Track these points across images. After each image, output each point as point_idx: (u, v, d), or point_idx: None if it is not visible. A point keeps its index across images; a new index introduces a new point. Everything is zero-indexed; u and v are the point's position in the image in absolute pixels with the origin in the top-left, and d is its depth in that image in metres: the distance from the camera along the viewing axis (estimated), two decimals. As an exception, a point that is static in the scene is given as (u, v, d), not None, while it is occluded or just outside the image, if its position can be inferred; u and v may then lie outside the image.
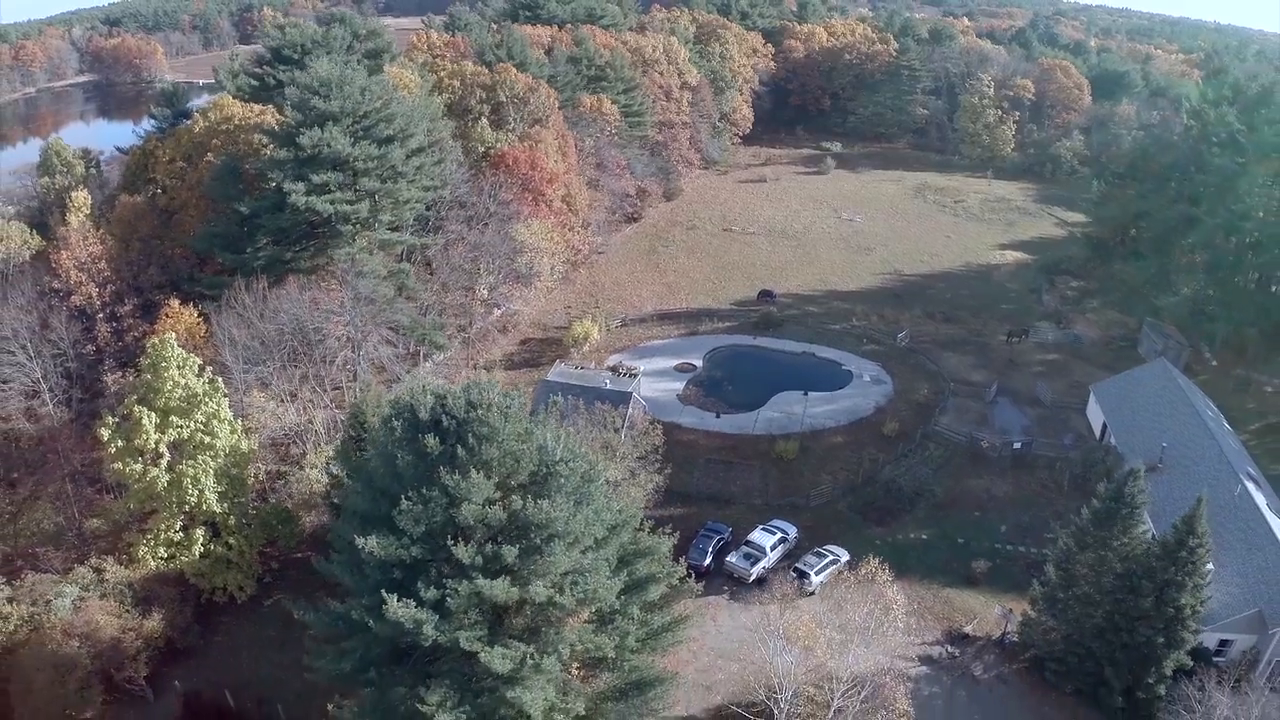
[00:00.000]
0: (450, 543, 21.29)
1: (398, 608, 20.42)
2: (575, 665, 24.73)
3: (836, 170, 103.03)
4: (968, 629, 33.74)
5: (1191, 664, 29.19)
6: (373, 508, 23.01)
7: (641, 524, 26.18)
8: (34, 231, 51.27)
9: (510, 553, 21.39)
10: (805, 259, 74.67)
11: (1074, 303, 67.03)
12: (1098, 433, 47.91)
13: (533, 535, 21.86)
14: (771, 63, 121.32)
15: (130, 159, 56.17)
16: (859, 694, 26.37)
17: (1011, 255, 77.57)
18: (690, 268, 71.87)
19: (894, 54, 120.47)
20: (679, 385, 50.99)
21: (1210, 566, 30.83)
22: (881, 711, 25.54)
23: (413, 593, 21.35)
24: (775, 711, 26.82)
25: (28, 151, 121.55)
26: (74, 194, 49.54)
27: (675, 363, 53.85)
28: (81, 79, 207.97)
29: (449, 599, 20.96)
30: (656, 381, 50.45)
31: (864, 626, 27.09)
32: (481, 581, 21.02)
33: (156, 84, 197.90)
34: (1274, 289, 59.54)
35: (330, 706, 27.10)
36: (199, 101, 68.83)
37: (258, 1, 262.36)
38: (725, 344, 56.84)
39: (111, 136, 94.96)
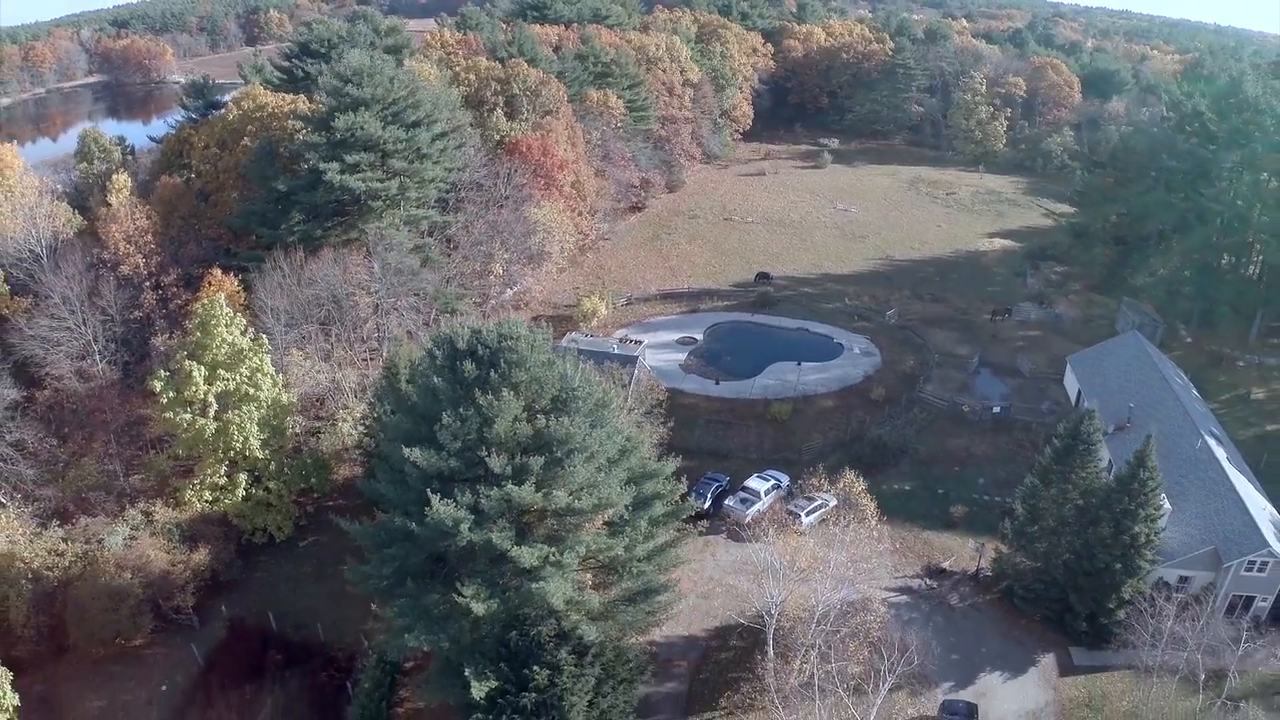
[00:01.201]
0: (484, 453, 24.53)
1: (440, 506, 23.66)
2: (590, 575, 27.93)
3: (833, 165, 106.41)
4: (945, 564, 36.93)
5: (1149, 590, 32.27)
6: (414, 429, 26.28)
7: (649, 452, 29.43)
8: (76, 212, 54.65)
9: (536, 463, 24.66)
10: (801, 245, 77.98)
11: (1057, 286, 70.28)
12: (1074, 400, 51.08)
13: (555, 449, 25.13)
14: (771, 62, 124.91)
15: (165, 146, 59.70)
16: (843, 612, 29.49)
17: (999, 243, 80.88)
18: (691, 253, 75.21)
19: (890, 53, 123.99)
20: (681, 356, 54.31)
21: (1165, 502, 34.04)
22: (860, 615, 28.53)
23: (450, 500, 24.58)
24: (766, 625, 29.92)
25: (43, 149, 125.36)
26: (115, 176, 52.88)
27: (678, 336, 57.17)
28: (90, 80, 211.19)
29: (483, 502, 24.20)
30: (660, 353, 53.75)
31: (850, 553, 30.19)
32: (511, 488, 24.27)
33: (167, 84, 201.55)
34: (1244, 269, 62.73)
35: (371, 621, 30.45)
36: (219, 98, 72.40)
37: (264, 4, 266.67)
38: (724, 320, 60.22)
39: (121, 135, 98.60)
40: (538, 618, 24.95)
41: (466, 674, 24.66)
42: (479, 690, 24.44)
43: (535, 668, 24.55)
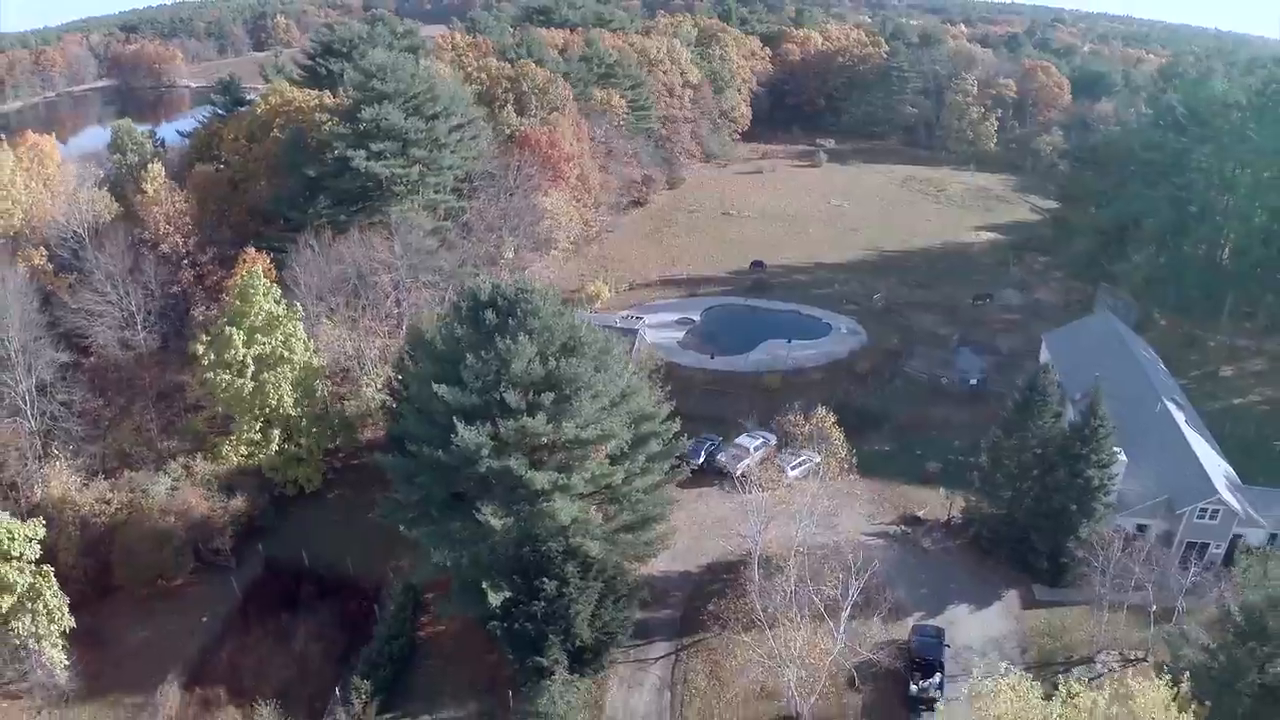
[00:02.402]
0: (502, 390, 27.97)
1: (465, 432, 27.09)
2: (595, 507, 31.24)
3: (829, 164, 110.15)
4: (920, 513, 40.21)
5: (1106, 533, 35.32)
6: (440, 371, 29.73)
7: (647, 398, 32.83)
8: (113, 199, 58.51)
9: (547, 399, 28.09)
10: (795, 238, 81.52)
11: (1039, 275, 73.65)
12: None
13: (564, 388, 28.57)
14: (769, 65, 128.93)
15: (195, 139, 63.62)
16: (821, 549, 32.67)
17: (986, 235, 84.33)
18: (691, 244, 78.80)
19: (885, 57, 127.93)
20: (679, 334, 57.82)
21: (1121, 454, 37.17)
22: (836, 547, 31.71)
23: (473, 429, 27.98)
24: (752, 558, 33.10)
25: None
26: (150, 166, 56.73)
27: (676, 317, 60.69)
28: (100, 84, 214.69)
29: (501, 431, 27.62)
30: (660, 331, 57.21)
31: (830, 506, 33.32)
32: (526, 420, 27.71)
33: (177, 88, 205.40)
34: (1216, 256, 66.00)
35: (393, 561, 33.77)
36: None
37: (271, 10, 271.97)
38: (720, 303, 63.80)
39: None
40: (548, 535, 28.29)
41: (484, 586, 28.00)
42: (495, 599, 27.79)
43: (545, 580, 27.88)
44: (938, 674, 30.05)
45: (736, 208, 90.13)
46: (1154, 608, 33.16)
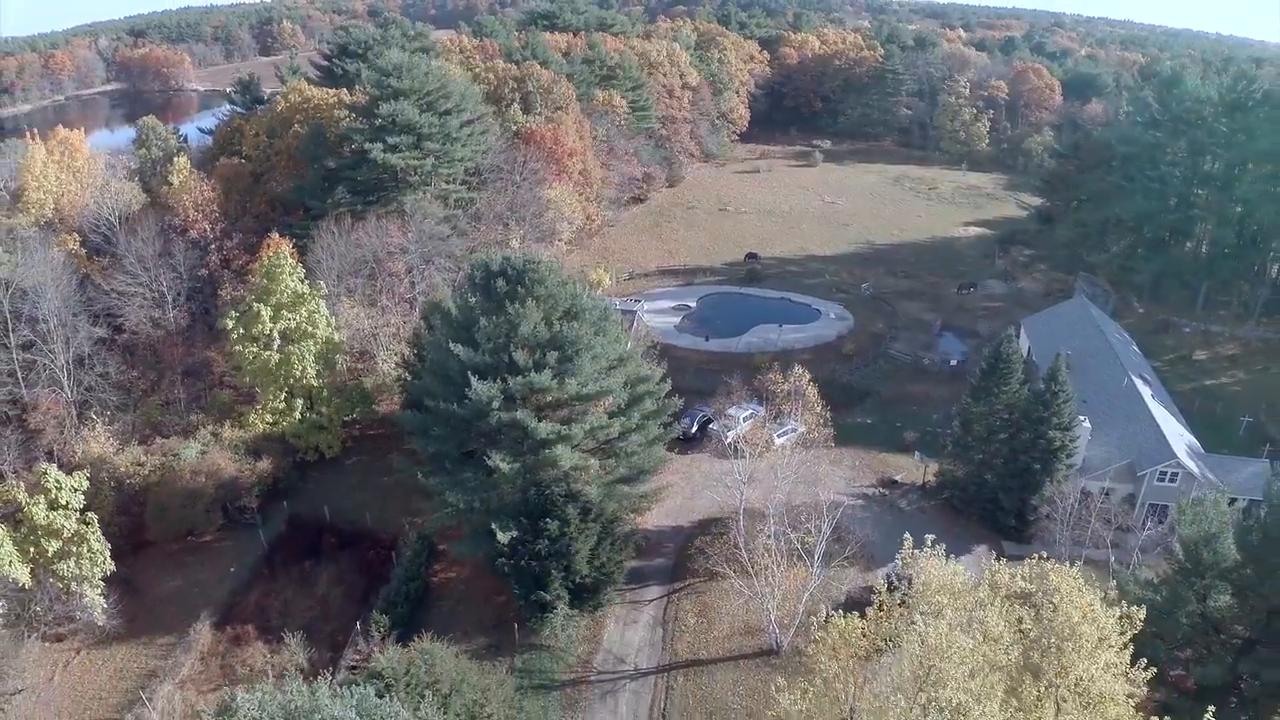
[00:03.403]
0: (511, 350, 31.03)
1: (478, 385, 30.15)
2: (595, 461, 34.20)
3: (824, 163, 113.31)
4: (897, 477, 43.12)
5: (1071, 494, 38.14)
6: (455, 333, 32.81)
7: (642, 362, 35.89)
8: (141, 189, 61.95)
9: (552, 358, 31.15)
10: (789, 232, 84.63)
11: (1024, 266, 76.59)
12: (1025, 356, 57.20)
13: (566, 349, 31.61)
14: (767, 68, 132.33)
15: (218, 134, 67.06)
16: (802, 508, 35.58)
17: (974, 230, 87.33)
18: (688, 238, 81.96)
19: (880, 60, 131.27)
20: (676, 319, 60.94)
21: (1085, 420, 40.04)
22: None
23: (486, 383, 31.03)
24: (738, 519, 35.94)
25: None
26: (176, 159, 60.16)
27: (673, 304, 63.81)
28: (108, 87, 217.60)
29: (510, 386, 30.67)
30: (658, 316, 60.27)
31: (811, 467, 36.26)
32: (533, 376, 30.75)
33: (185, 91, 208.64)
34: (1190, 246, 68.95)
35: (407, 518, 36.71)
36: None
37: (276, 15, 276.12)
38: (715, 291, 66.87)
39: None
40: (551, 480, 31.29)
41: (494, 527, 30.99)
42: (503, 538, 30.77)
43: (548, 521, 30.85)
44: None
45: (733, 204, 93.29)
46: (1113, 561, 35.96)
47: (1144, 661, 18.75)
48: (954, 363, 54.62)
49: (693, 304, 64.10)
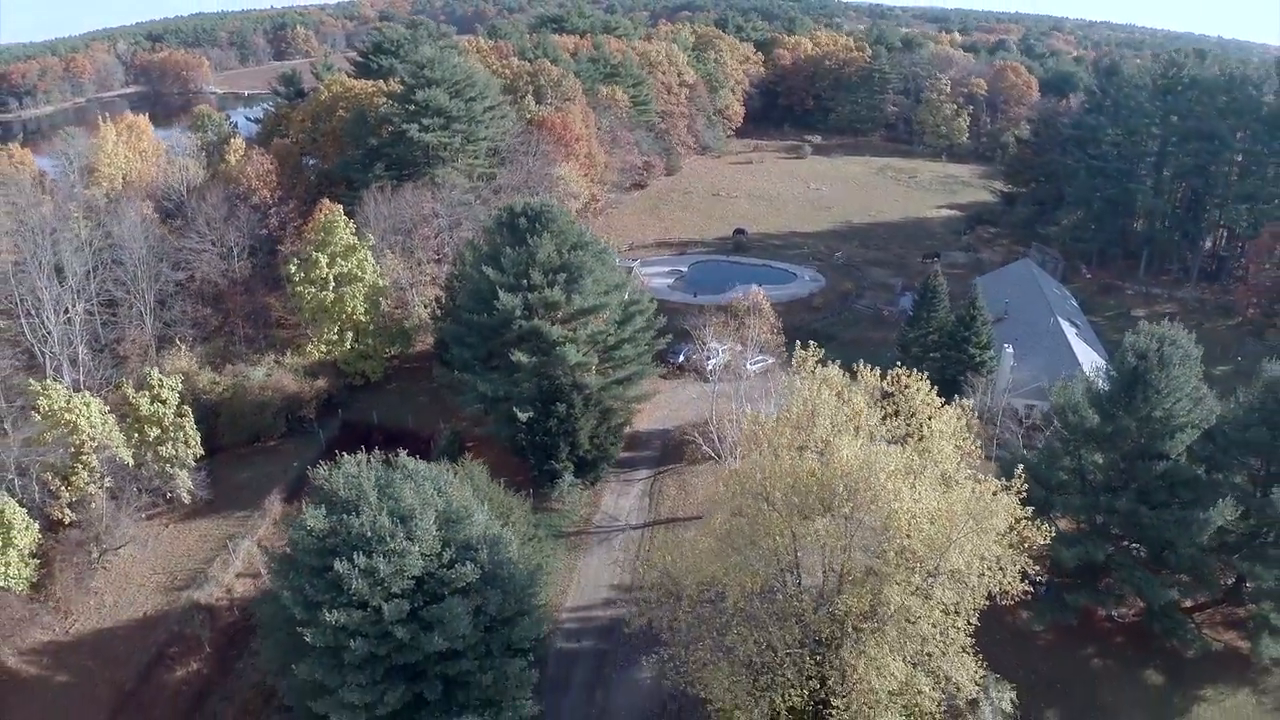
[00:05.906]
0: (530, 272, 39.45)
1: (505, 296, 38.58)
2: (595, 365, 42.44)
3: (814, 156, 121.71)
4: (850, 397, 51.15)
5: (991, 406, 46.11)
6: (487, 260, 41.30)
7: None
8: (202, 167, 71.07)
9: (562, 278, 39.56)
10: (776, 213, 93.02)
11: (987, 241, 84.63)
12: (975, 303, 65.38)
13: (573, 272, 40.03)
14: (762, 69, 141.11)
15: (266, 121, 76.22)
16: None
17: (945, 212, 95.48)
18: (684, 218, 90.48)
19: (868, 60, 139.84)
20: (670, 280, 69.39)
21: (1009, 347, 47.98)
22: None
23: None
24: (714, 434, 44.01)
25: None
26: (232, 140, 69.24)
27: (668, 269, 72.31)
28: (128, 90, 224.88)
29: (530, 298, 39.09)
30: (654, 279, 68.66)
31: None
32: (547, 291, 39.16)
33: (204, 94, 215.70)
34: (1130, 217, 76.89)
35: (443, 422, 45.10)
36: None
37: (290, 21, 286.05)
38: (705, 259, 75.32)
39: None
40: (560, 374, 39.65)
41: (514, 410, 39.33)
42: (522, 416, 39.11)
43: (557, 404, 39.16)
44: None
45: (726, 190, 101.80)
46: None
47: (1019, 470, 25.84)
48: (909, 312, 62.64)
49: (684, 269, 72.56)
